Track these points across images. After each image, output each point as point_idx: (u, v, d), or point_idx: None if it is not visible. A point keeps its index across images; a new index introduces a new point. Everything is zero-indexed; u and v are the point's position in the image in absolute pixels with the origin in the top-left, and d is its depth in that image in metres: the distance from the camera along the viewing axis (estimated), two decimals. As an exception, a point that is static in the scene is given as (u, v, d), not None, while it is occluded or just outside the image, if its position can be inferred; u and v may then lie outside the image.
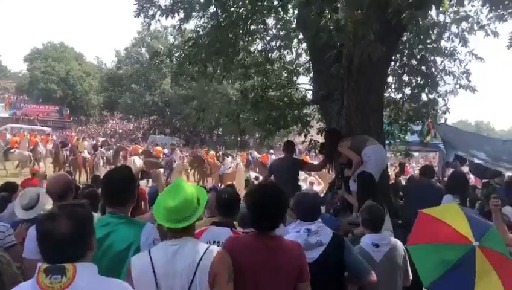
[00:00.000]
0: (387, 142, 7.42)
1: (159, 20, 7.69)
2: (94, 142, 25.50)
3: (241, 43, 8.21)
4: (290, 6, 7.99)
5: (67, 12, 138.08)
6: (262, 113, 7.42)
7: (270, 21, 8.60)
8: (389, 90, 8.33)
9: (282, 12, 8.31)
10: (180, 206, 2.19)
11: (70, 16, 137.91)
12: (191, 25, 8.41)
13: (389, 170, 7.99)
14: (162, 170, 15.89)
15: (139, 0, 7.33)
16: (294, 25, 8.79)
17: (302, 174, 9.33)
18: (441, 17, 7.94)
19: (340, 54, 6.12)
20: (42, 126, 43.71)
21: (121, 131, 55.22)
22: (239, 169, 16.51)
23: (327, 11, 6.17)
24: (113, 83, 57.68)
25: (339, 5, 6.13)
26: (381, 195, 5.39)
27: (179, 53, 8.06)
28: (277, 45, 9.09)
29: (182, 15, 7.77)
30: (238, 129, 10.45)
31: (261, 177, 9.48)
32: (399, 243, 3.62)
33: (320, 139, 7.97)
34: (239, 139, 43.47)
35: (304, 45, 9.04)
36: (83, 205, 1.97)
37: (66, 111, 56.57)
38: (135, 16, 7.50)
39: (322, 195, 9.93)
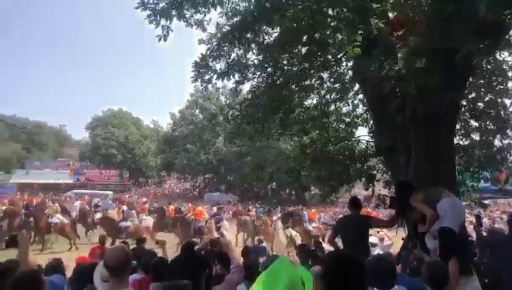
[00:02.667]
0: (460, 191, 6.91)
1: (215, 83, 7.86)
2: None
3: (296, 99, 8.17)
4: (343, 58, 7.94)
5: (125, 80, 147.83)
6: (324, 169, 7.18)
7: (325, 75, 8.56)
8: (456, 136, 7.88)
9: (335, 67, 8.28)
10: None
11: (127, 84, 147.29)
12: (245, 86, 8.52)
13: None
14: None
15: (196, 67, 7.50)
16: (348, 77, 8.71)
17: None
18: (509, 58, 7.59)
19: (403, 103, 5.89)
20: (104, 190, 45.44)
21: (178, 191, 56.37)
22: (277, 227, 15.84)
23: (386, 62, 6.03)
24: (170, 144, 59.70)
25: (399, 55, 5.98)
26: (466, 252, 4.90)
27: (236, 114, 8.12)
28: (332, 97, 8.99)
29: (237, 77, 7.92)
30: (299, 186, 10.11)
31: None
32: None
33: (385, 191, 7.60)
34: (293, 193, 43.06)
35: (361, 96, 8.88)
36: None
37: (126, 174, 58.74)
38: (193, 82, 7.69)
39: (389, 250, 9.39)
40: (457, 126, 7.89)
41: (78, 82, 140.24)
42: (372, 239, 8.98)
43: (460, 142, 8.01)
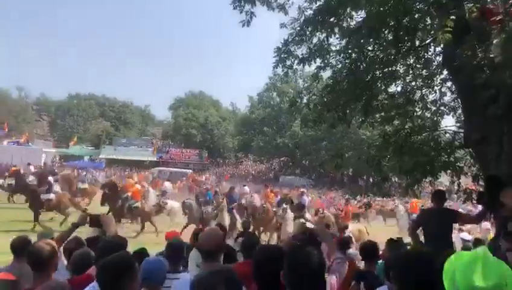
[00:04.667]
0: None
1: (296, 69, 7.86)
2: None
3: (379, 86, 7.92)
4: (432, 44, 7.56)
5: (205, 63, 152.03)
6: (407, 159, 6.93)
7: (411, 60, 8.21)
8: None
9: (422, 52, 7.91)
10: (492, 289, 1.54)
11: (208, 67, 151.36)
12: (325, 72, 8.41)
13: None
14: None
15: (278, 52, 7.55)
16: (436, 63, 8.28)
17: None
18: None
19: (497, 93, 5.51)
20: (184, 168, 47.54)
21: (253, 172, 57.36)
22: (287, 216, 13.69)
23: (480, 49, 5.66)
24: (247, 126, 60.89)
25: (494, 41, 5.58)
26: None
27: (316, 100, 8.07)
28: (418, 84, 8.61)
29: (318, 62, 7.85)
30: (380, 176, 9.44)
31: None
32: None
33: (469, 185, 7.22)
34: (371, 180, 41.84)
35: (449, 83, 8.41)
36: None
37: (205, 154, 60.75)
38: (274, 67, 7.76)
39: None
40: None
41: (162, 65, 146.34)
42: (465, 235, 8.57)
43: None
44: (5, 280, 3.27)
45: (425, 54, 8.10)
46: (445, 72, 8.06)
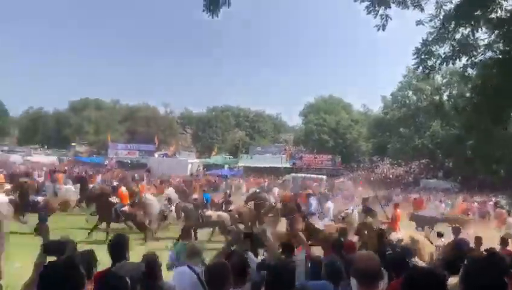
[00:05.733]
0: None
1: (439, 69, 7.32)
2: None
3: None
4: None
5: (334, 67, 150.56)
6: None
7: None
8: None
9: None
10: None
11: (337, 70, 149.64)
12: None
13: None
14: None
15: (417, 53, 7.11)
16: None
17: None
18: None
19: None
20: (318, 174, 47.63)
21: (391, 176, 54.92)
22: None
23: None
24: (381, 128, 58.70)
25: None
26: None
27: (464, 104, 7.39)
28: None
29: (464, 60, 7.20)
30: None
31: None
32: None
33: None
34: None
35: None
36: None
37: (338, 159, 60.04)
38: (414, 69, 7.35)
39: None
40: None
41: (291, 72, 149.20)
42: None
43: None
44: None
45: None
46: None
